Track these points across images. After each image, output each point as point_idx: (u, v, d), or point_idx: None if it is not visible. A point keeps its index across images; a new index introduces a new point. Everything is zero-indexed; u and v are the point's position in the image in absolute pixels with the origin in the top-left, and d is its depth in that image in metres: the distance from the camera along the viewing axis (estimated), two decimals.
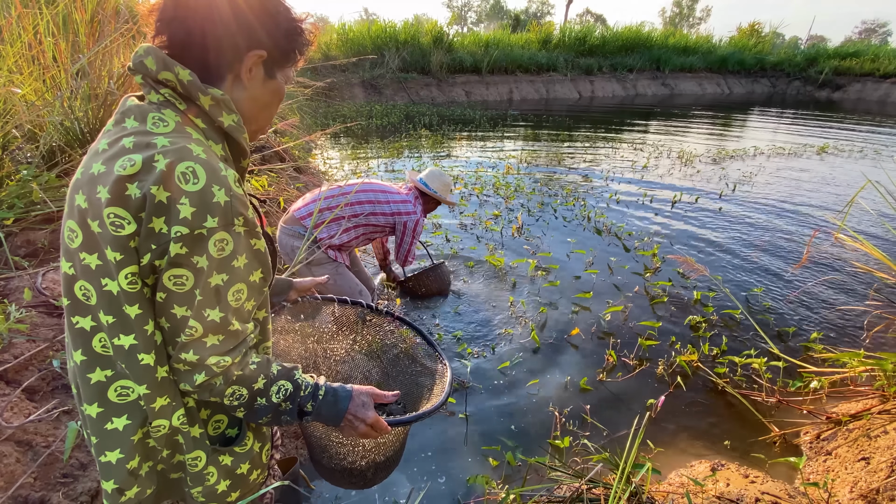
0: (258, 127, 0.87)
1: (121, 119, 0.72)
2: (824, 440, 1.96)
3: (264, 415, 0.79)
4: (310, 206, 2.42)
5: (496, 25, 35.80)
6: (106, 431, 0.75)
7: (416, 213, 2.61)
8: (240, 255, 0.71)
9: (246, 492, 0.88)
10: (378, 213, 2.54)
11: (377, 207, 2.53)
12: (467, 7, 57.43)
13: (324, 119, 8.80)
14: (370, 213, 2.53)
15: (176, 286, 0.68)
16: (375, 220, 2.56)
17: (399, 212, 2.59)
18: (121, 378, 0.74)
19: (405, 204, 2.60)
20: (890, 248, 4.05)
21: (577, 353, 2.62)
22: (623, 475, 1.36)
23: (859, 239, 2.43)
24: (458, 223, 4.40)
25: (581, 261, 3.69)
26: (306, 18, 0.82)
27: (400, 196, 2.61)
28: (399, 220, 2.60)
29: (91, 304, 0.70)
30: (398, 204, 2.58)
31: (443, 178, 2.80)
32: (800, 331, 2.83)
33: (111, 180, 0.65)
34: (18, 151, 2.48)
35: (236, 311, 0.74)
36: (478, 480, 1.75)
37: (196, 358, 0.70)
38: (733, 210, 4.97)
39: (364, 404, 0.87)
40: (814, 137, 9.67)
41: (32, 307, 1.69)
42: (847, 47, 21.92)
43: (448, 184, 2.81)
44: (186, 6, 0.72)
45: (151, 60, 0.71)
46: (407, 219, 2.60)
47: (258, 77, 0.79)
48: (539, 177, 6.12)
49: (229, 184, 0.69)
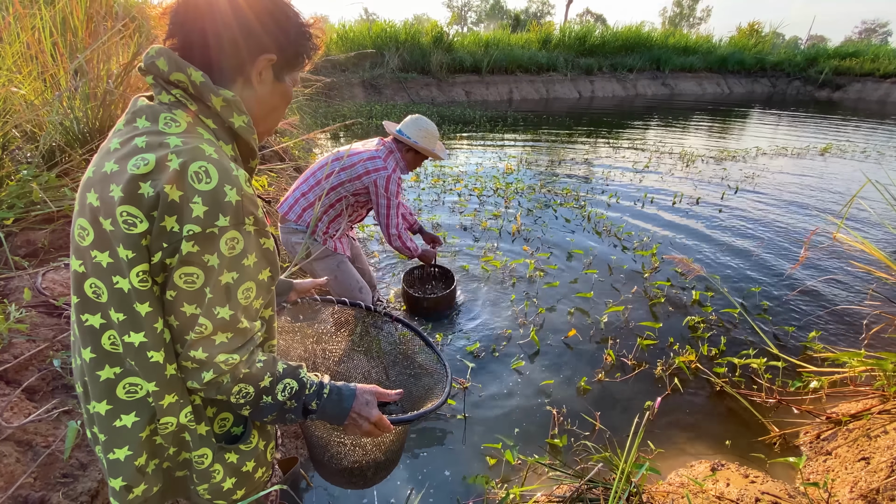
0: (266, 128, 0.89)
1: (132, 119, 0.72)
2: (824, 440, 1.96)
3: (270, 413, 0.80)
4: (289, 199, 2.38)
5: (496, 25, 35.79)
6: (114, 429, 0.75)
7: (385, 169, 2.30)
8: (250, 254, 0.72)
9: (251, 490, 0.89)
10: (353, 178, 2.30)
11: (351, 172, 2.29)
12: (467, 7, 57.41)
13: (324, 119, 8.80)
14: (346, 182, 2.30)
15: (186, 284, 0.68)
16: (353, 188, 2.32)
17: (368, 170, 2.29)
18: (130, 375, 0.75)
19: (373, 160, 2.30)
20: (890, 248, 4.06)
21: (576, 353, 2.62)
22: (623, 475, 1.36)
23: (859, 238, 2.43)
24: (458, 223, 4.40)
25: (580, 261, 3.69)
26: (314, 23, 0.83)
27: (368, 153, 2.32)
28: (369, 180, 2.30)
29: (101, 302, 0.71)
30: (365, 162, 2.29)
31: (423, 123, 2.42)
32: (799, 330, 2.83)
33: (124, 179, 0.66)
34: (18, 151, 2.48)
35: (245, 310, 0.74)
36: (477, 480, 1.75)
37: (205, 356, 0.71)
38: (734, 210, 4.97)
39: (368, 403, 0.88)
40: (815, 138, 9.67)
41: (32, 307, 1.69)
42: (847, 47, 21.91)
43: (431, 131, 2.43)
44: (199, 10, 0.73)
45: (164, 62, 0.72)
46: (376, 176, 2.28)
47: (268, 80, 0.81)
48: (539, 177, 6.12)
49: (240, 184, 0.70)
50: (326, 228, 2.42)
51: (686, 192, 5.51)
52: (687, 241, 4.13)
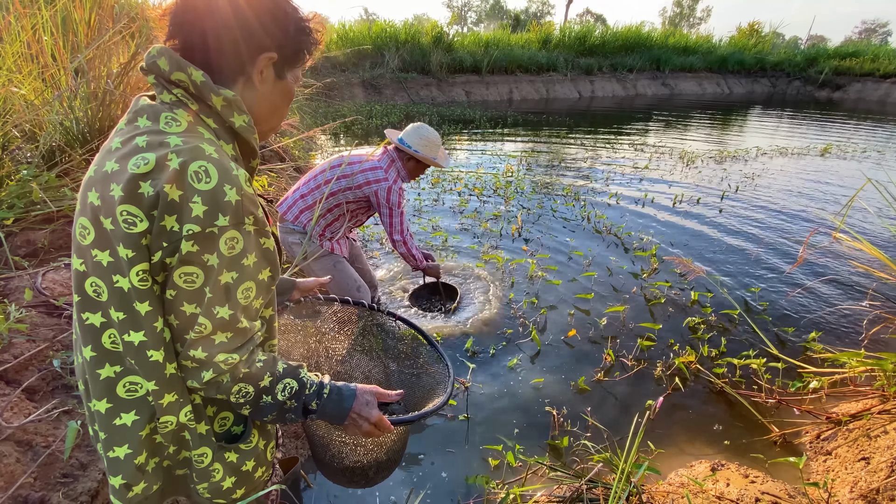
0: (269, 127, 0.89)
1: (133, 118, 0.73)
2: (824, 440, 1.96)
3: (269, 412, 0.80)
4: (288, 199, 2.39)
5: (496, 25, 35.80)
6: (114, 427, 0.76)
7: (387, 180, 2.30)
8: (249, 254, 0.73)
9: (251, 489, 0.89)
10: (353, 186, 2.29)
11: (351, 181, 2.28)
12: (467, 7, 57.41)
13: (324, 119, 8.80)
14: (346, 189, 2.30)
15: (186, 284, 0.69)
16: (353, 196, 2.32)
17: (369, 181, 2.28)
18: (130, 374, 0.75)
19: (374, 171, 2.29)
20: (890, 248, 4.06)
21: (576, 353, 2.62)
22: (623, 475, 1.36)
23: (859, 238, 2.43)
24: (458, 224, 4.40)
25: (580, 261, 3.69)
26: (314, 18, 0.83)
27: (370, 163, 2.31)
28: (370, 190, 2.29)
29: (102, 301, 0.71)
30: (367, 172, 2.29)
31: (424, 132, 2.39)
32: (799, 331, 2.83)
33: (125, 178, 0.66)
34: (18, 151, 2.48)
35: (245, 309, 0.75)
36: (478, 480, 1.75)
37: (204, 355, 0.71)
38: (734, 211, 4.97)
39: (368, 403, 0.88)
40: (816, 138, 9.67)
41: (32, 307, 1.69)
42: (847, 47, 21.94)
43: (432, 140, 2.40)
44: (198, 10, 0.73)
45: (165, 61, 0.72)
46: (377, 187, 2.28)
47: (269, 78, 0.81)
48: (539, 177, 6.11)
49: (240, 183, 0.70)
50: (323, 231, 2.42)
51: (686, 193, 5.51)
52: (687, 241, 4.13)
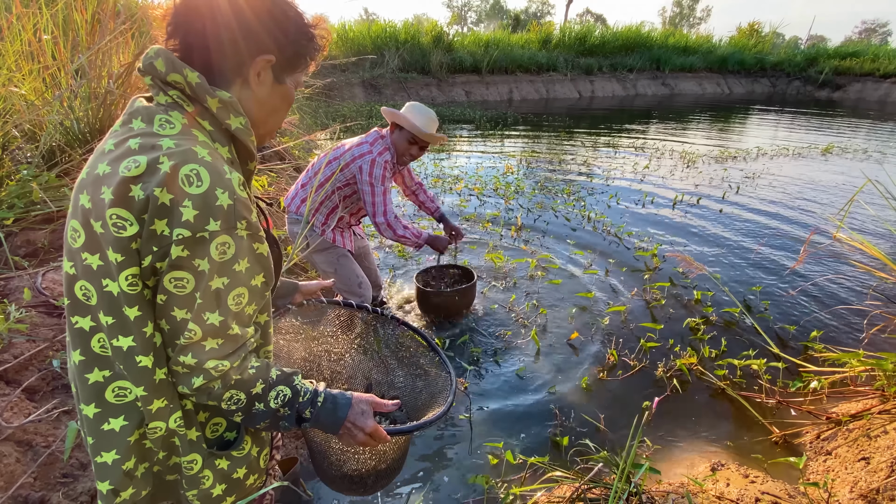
0: (267, 130, 0.88)
1: (128, 120, 0.72)
2: (824, 440, 1.96)
3: (262, 420, 0.79)
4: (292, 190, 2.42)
5: (496, 25, 35.75)
6: (102, 432, 0.74)
7: (371, 153, 2.19)
8: (241, 259, 0.71)
9: (241, 497, 0.87)
10: (343, 167, 2.24)
11: (340, 162, 2.23)
12: (467, 7, 57.40)
13: (324, 119, 8.79)
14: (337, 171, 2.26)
15: (176, 289, 0.68)
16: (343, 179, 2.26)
17: (354, 157, 2.20)
18: (118, 379, 0.74)
19: (360, 146, 2.22)
20: (890, 248, 4.06)
21: (577, 353, 2.61)
22: (623, 475, 1.36)
23: (859, 238, 2.43)
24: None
25: (581, 261, 3.69)
26: (318, 24, 0.82)
27: (357, 139, 2.26)
28: (355, 167, 2.20)
29: (91, 305, 0.70)
30: (353, 149, 2.22)
31: (420, 107, 2.28)
32: (799, 330, 2.83)
33: (115, 181, 0.65)
34: (18, 151, 2.48)
35: (236, 315, 0.73)
36: (478, 480, 1.75)
37: (194, 361, 0.70)
38: (735, 211, 4.97)
39: (363, 413, 0.86)
40: (817, 138, 9.67)
41: (32, 307, 1.69)
42: (847, 47, 21.95)
43: (428, 115, 2.27)
44: (197, 10, 0.73)
45: (161, 62, 0.71)
46: (361, 162, 2.18)
47: (267, 81, 0.80)
48: (539, 177, 6.12)
49: (233, 187, 0.69)
50: (325, 220, 2.40)
51: (687, 192, 5.50)
52: (688, 241, 4.13)
